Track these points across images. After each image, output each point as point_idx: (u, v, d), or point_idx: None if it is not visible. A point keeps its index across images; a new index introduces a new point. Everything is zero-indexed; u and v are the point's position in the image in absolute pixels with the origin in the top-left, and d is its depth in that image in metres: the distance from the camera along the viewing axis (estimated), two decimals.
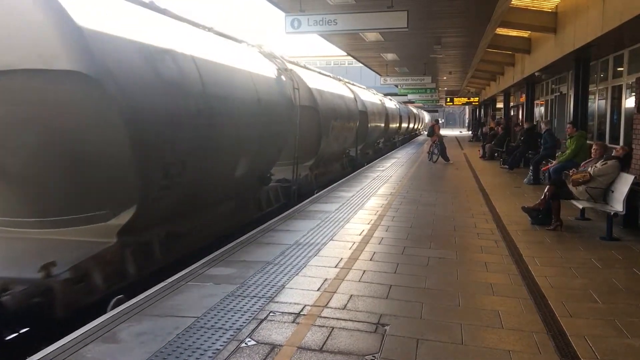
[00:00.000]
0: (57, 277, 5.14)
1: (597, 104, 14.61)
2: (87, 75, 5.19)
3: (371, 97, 24.70)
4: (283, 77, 10.87)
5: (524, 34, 17.69)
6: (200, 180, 7.28)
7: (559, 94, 18.85)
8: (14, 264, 5.36)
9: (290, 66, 12.37)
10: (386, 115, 26.43)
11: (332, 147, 15.35)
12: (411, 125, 43.88)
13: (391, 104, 31.27)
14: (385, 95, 34.31)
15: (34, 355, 3.70)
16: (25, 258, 5.45)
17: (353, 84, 22.25)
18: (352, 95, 18.66)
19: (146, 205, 5.99)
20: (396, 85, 30.75)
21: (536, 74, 17.71)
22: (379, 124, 24.30)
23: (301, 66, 14.75)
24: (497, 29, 15.92)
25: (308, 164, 13.44)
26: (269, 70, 10.19)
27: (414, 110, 49.20)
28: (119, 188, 5.77)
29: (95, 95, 5.26)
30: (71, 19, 5.20)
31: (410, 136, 44.70)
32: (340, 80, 19.80)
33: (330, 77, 18.40)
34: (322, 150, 14.05)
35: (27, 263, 5.25)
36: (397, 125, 32.26)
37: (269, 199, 10.70)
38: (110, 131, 5.44)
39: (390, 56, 21.79)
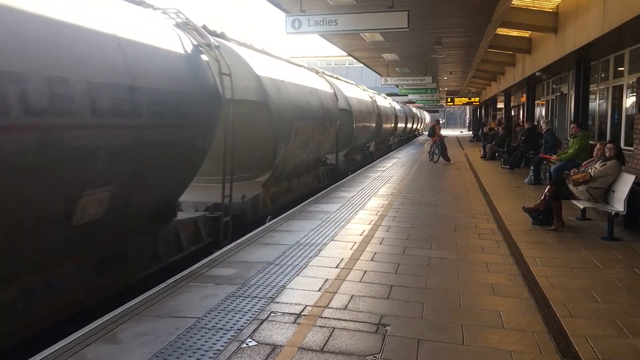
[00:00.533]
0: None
1: (598, 104, 14.60)
2: None
3: (358, 93, 21.10)
4: (203, 57, 7.38)
5: (525, 34, 17.69)
6: None
7: (559, 94, 18.84)
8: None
9: (221, 42, 8.71)
10: (378, 115, 22.95)
11: (298, 156, 11.78)
12: (410, 126, 42.02)
13: (385, 101, 28.57)
14: (388, 95, 34.36)
15: (35, 356, 3.69)
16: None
17: (336, 77, 19.01)
18: (330, 90, 15.06)
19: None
20: (397, 86, 30.78)
21: (537, 74, 17.70)
22: (368, 124, 20.85)
23: (247, 46, 10.90)
24: (498, 29, 15.92)
25: (261, 180, 10.20)
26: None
27: (414, 110, 48.26)
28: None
29: None
30: None
31: (407, 137, 42.98)
32: (317, 72, 15.68)
33: (298, 65, 14.19)
34: (282, 161, 10.56)
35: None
36: (392, 125, 29.22)
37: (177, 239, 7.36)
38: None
39: (390, 56, 21.80)
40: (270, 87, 9.95)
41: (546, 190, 8.30)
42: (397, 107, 33.75)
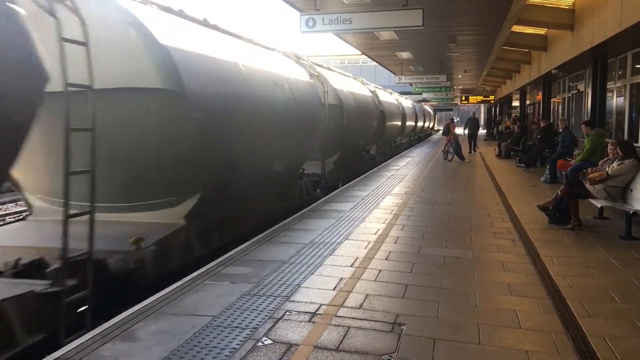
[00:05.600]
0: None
1: (615, 101, 14.42)
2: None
3: (354, 85, 17.98)
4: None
5: (541, 31, 17.52)
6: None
7: (576, 91, 18.64)
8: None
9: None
10: (381, 112, 20.29)
11: (251, 168, 9.28)
12: (420, 124, 39.86)
13: (390, 97, 25.85)
14: (402, 94, 34.19)
15: (53, 353, 3.74)
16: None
17: (327, 68, 15.95)
18: (311, 80, 12.01)
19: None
20: (411, 84, 30.62)
21: (553, 71, 17.51)
22: (366, 123, 17.89)
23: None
24: (513, 27, 15.79)
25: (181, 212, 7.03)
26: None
27: (423, 107, 45.25)
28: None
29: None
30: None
31: (419, 138, 40.53)
32: (296, 57, 12.58)
33: (268, 48, 11.01)
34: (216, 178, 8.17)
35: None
36: (399, 124, 26.11)
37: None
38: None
39: (405, 55, 21.72)
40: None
41: (559, 190, 8.24)
42: (405, 103, 31.06)
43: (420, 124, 39.33)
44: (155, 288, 5.27)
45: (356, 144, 17.14)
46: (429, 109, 48.56)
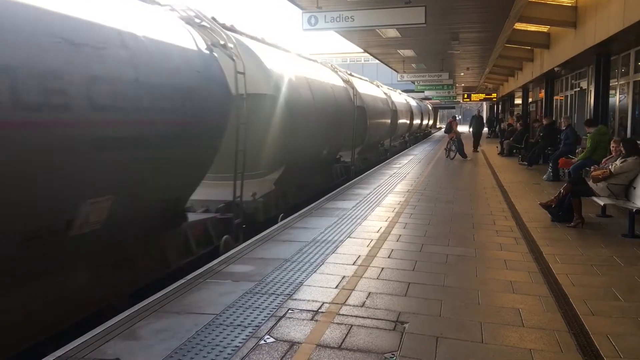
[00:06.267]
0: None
1: (618, 99, 14.39)
2: None
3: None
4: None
5: (543, 28, 17.48)
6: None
7: (578, 89, 18.59)
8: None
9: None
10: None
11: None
12: (425, 122, 40.38)
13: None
14: (404, 91, 34.15)
15: (55, 352, 3.73)
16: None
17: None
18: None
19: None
20: (413, 82, 30.57)
21: (556, 69, 17.48)
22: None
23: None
24: (516, 24, 15.74)
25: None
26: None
27: (414, 103, 41.62)
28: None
29: None
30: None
31: (423, 134, 40.62)
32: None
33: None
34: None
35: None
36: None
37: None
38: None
39: (407, 53, 21.68)
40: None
41: (562, 188, 8.22)
42: (413, 103, 33.36)
43: (424, 121, 39.36)
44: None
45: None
46: (421, 104, 46.17)
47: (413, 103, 32.26)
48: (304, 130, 10.69)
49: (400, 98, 26.95)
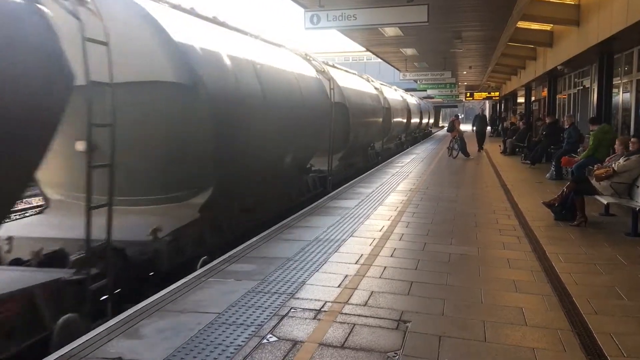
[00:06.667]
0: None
1: (622, 97, 14.34)
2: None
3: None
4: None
5: (546, 27, 17.42)
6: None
7: (581, 88, 18.54)
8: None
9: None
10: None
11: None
12: (425, 121, 38.21)
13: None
14: (407, 90, 34.06)
15: (59, 350, 3.74)
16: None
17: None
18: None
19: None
20: (416, 81, 30.52)
21: (558, 67, 17.42)
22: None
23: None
24: (519, 22, 15.70)
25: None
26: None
27: (412, 100, 36.25)
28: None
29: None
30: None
31: (423, 134, 38.15)
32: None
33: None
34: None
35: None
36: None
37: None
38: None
39: (409, 51, 21.63)
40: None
41: (565, 187, 8.20)
42: (410, 100, 31.28)
43: (416, 120, 37.49)
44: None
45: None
46: (420, 102, 41.63)
47: (411, 100, 31.35)
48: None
49: (395, 94, 25.56)
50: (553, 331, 4.04)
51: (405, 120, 25.80)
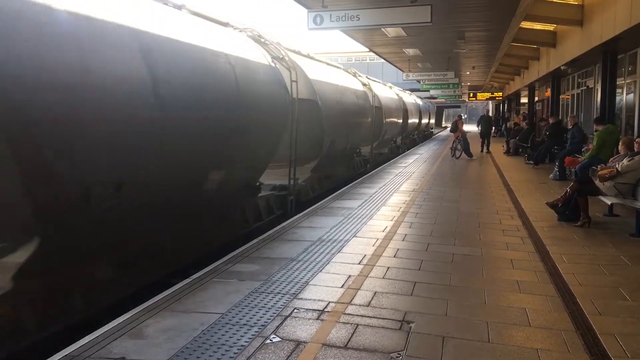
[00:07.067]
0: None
1: (625, 98, 14.31)
2: None
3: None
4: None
5: (550, 27, 17.40)
6: None
7: (585, 88, 18.51)
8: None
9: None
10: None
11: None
12: (426, 121, 37.23)
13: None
14: (412, 91, 33.99)
15: (62, 350, 3.75)
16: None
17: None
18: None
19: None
20: (418, 81, 30.49)
21: (562, 67, 17.40)
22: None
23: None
24: (522, 23, 15.68)
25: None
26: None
27: (421, 102, 36.21)
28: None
29: None
30: None
31: (424, 136, 37.02)
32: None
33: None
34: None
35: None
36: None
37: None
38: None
39: (412, 51, 21.61)
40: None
41: (568, 187, 8.19)
42: (408, 98, 30.97)
43: (431, 120, 36.80)
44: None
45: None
46: (419, 101, 37.47)
47: (408, 99, 31.21)
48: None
49: (388, 92, 24.54)
50: (557, 332, 4.03)
51: (401, 121, 23.28)
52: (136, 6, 5.95)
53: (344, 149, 14.16)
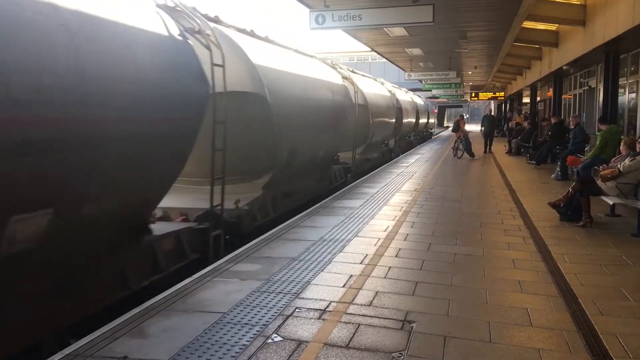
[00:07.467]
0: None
1: (628, 98, 14.29)
2: None
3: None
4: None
5: (552, 27, 17.38)
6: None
7: (587, 88, 18.49)
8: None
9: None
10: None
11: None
12: (426, 121, 37.07)
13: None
14: (414, 91, 34.01)
15: (64, 350, 3.75)
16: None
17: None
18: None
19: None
20: (420, 81, 30.49)
21: (564, 67, 17.38)
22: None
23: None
24: (524, 22, 15.66)
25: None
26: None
27: (420, 101, 35.59)
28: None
29: None
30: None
31: (422, 137, 35.94)
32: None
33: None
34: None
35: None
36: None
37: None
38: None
39: (415, 51, 21.61)
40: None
41: (570, 187, 8.18)
42: (419, 101, 32.36)
43: (431, 120, 37.17)
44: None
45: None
46: (420, 101, 37.10)
47: (419, 101, 31.57)
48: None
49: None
50: (558, 332, 4.03)
51: (393, 121, 22.64)
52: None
53: (313, 157, 11.49)
